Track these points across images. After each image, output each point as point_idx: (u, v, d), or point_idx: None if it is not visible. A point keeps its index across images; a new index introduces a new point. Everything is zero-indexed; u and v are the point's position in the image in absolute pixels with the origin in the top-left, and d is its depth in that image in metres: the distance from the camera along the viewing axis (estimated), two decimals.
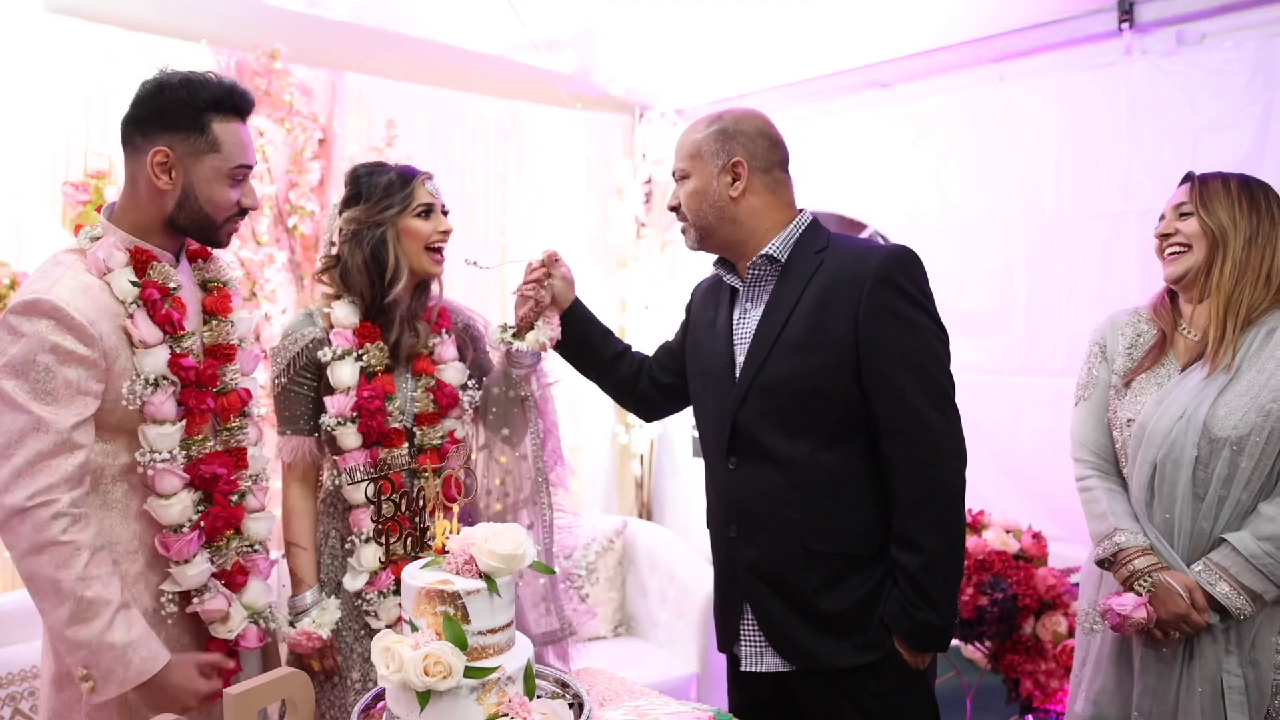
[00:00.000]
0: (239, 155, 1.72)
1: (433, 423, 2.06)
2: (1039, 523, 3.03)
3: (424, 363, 2.08)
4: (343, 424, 1.97)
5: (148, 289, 1.68)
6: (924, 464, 1.71)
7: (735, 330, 1.90)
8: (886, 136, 4.03)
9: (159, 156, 1.68)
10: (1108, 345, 2.07)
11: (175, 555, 1.70)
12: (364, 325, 2.02)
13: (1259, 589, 1.77)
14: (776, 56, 4.03)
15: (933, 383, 1.73)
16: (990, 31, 3.59)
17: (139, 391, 1.65)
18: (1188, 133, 3.20)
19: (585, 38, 3.92)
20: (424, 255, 2.03)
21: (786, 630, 1.79)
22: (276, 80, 3.49)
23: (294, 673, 1.38)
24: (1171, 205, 2.01)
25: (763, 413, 1.78)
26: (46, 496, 1.56)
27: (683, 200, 1.92)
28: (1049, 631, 2.77)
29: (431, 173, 2.10)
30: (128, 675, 1.60)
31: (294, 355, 2.02)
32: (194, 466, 1.73)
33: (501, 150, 4.43)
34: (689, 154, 1.91)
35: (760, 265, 1.86)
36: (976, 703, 3.15)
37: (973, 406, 3.86)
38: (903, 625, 1.72)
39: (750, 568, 1.82)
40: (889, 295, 1.72)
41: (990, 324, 3.81)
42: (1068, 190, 3.54)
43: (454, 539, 1.37)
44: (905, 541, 1.71)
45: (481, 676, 1.28)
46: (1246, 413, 1.79)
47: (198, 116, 1.67)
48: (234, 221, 1.77)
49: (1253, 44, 3.07)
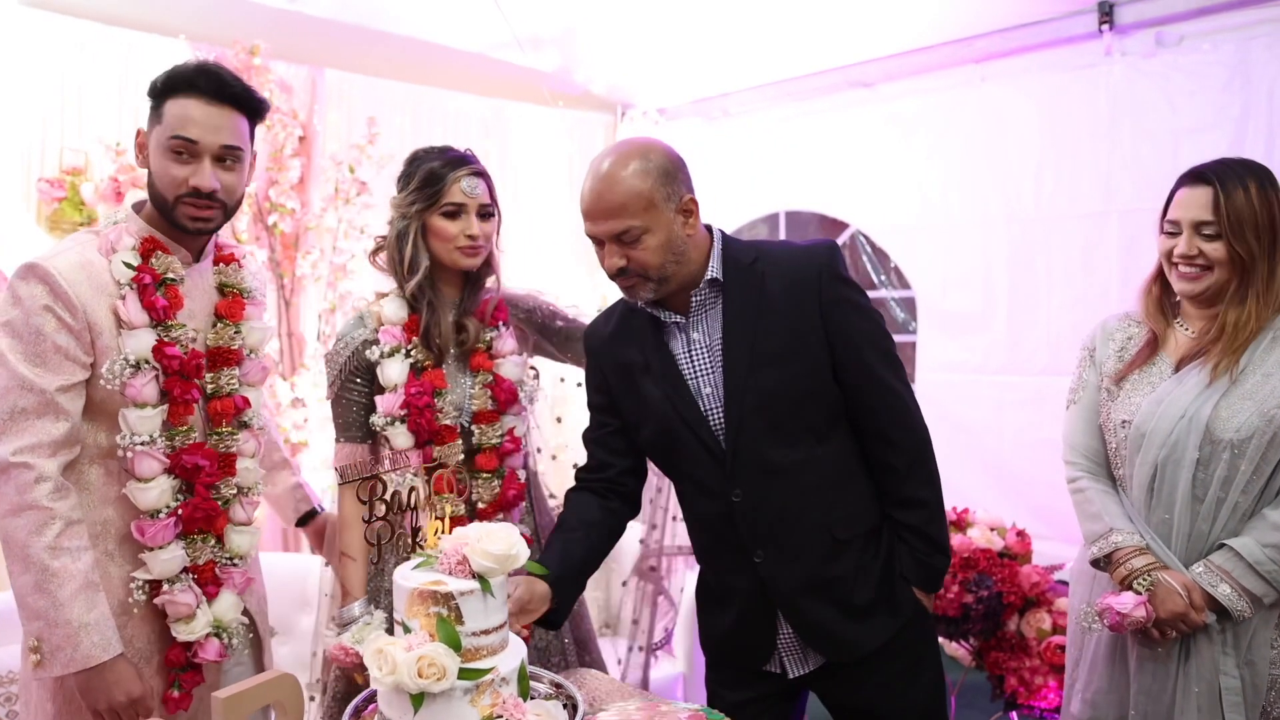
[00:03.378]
0: (176, 125, 1.66)
1: (492, 420, 1.98)
2: (1021, 520, 3.05)
3: (480, 358, 2.00)
4: (392, 423, 1.91)
5: (142, 273, 1.69)
6: (905, 431, 1.80)
7: (684, 364, 1.80)
8: (869, 136, 4.05)
9: (139, 138, 1.75)
10: (1097, 350, 2.03)
11: (150, 540, 1.68)
12: (412, 319, 1.95)
13: (1260, 592, 1.77)
14: (759, 56, 4.04)
15: (890, 356, 1.81)
16: (972, 32, 3.62)
17: (119, 372, 1.65)
18: (1167, 133, 3.24)
19: (568, 36, 3.91)
20: (454, 252, 1.93)
21: (831, 629, 1.79)
22: (256, 77, 3.44)
23: (283, 676, 1.36)
24: (1190, 221, 1.84)
25: (760, 432, 1.76)
26: (31, 457, 1.58)
27: (637, 259, 1.70)
28: (1033, 629, 2.79)
29: (481, 168, 1.99)
30: (74, 656, 1.59)
31: (345, 360, 1.96)
32: (176, 455, 1.71)
33: (483, 148, 4.34)
34: (642, 208, 1.68)
35: (704, 290, 1.78)
36: (961, 700, 3.16)
37: (955, 405, 3.94)
38: (921, 574, 1.82)
39: (788, 583, 1.79)
40: (840, 288, 1.77)
41: (972, 323, 3.84)
42: (1048, 190, 3.57)
43: (446, 539, 1.36)
44: (907, 501, 1.81)
45: (476, 678, 1.27)
46: (1249, 416, 1.79)
47: (159, 96, 1.70)
48: (189, 206, 1.69)
49: (1230, 46, 3.11)
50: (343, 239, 3.62)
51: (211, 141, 1.68)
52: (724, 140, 4.50)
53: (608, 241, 1.71)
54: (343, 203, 3.61)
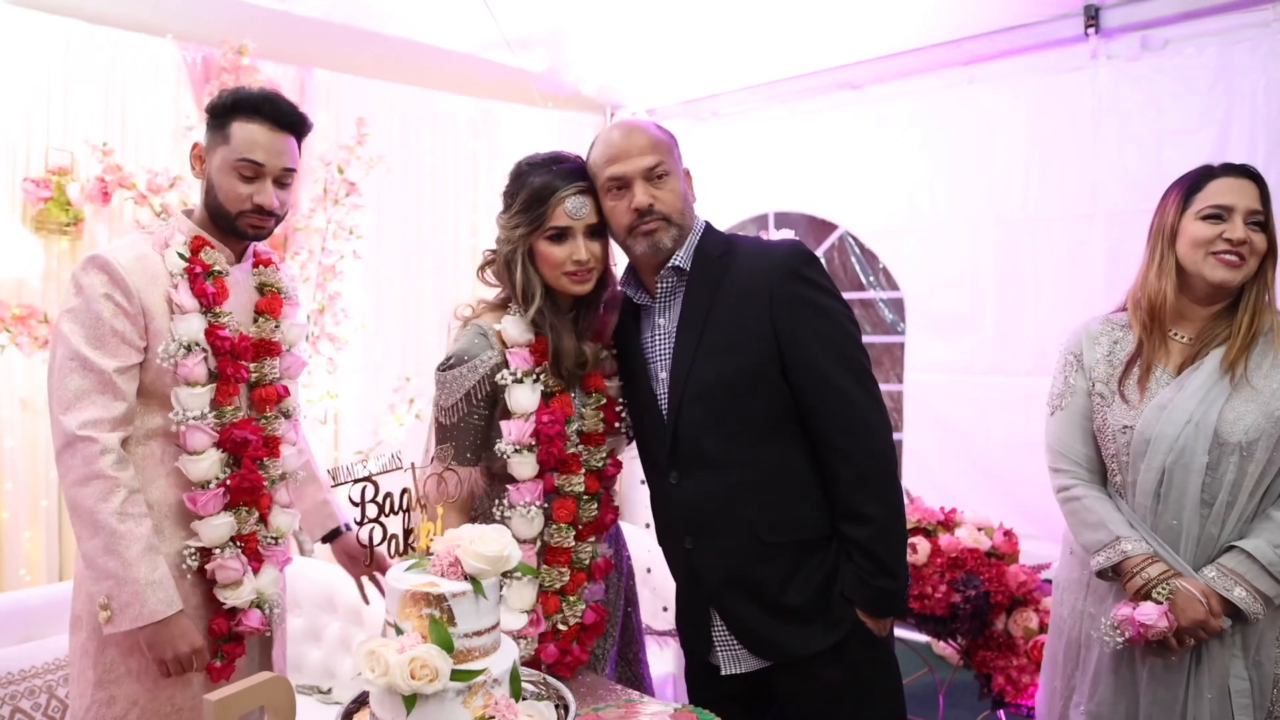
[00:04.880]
0: (244, 149, 1.84)
1: (598, 443, 1.89)
2: (1008, 520, 3.07)
3: (596, 379, 1.90)
4: (520, 452, 1.80)
5: (193, 264, 1.86)
6: (858, 440, 1.74)
7: (647, 347, 1.88)
8: (857, 138, 4.07)
9: (195, 150, 1.92)
10: (1084, 354, 1.99)
11: (201, 509, 1.82)
12: (539, 341, 1.83)
13: (1272, 593, 1.77)
14: (748, 57, 4.05)
15: (852, 361, 1.76)
16: (959, 35, 3.63)
17: (173, 352, 1.80)
18: (1152, 136, 3.27)
19: (557, 37, 3.91)
20: (562, 279, 1.82)
21: (757, 629, 1.80)
22: (244, 76, 3.43)
23: (275, 678, 1.36)
24: (1245, 208, 1.83)
25: (699, 421, 1.79)
26: (94, 431, 1.73)
27: (663, 199, 1.78)
28: (1020, 628, 2.80)
29: (586, 184, 1.83)
30: (142, 612, 1.73)
31: (475, 384, 1.81)
32: (226, 430, 1.85)
33: (472, 149, 4.40)
34: (666, 150, 1.81)
35: (668, 277, 1.84)
36: (949, 699, 3.18)
37: (942, 405, 3.96)
38: (862, 595, 1.76)
39: (713, 574, 1.83)
40: (798, 286, 1.76)
41: (960, 324, 3.86)
42: (1035, 192, 3.60)
43: (439, 540, 1.36)
44: (853, 516, 1.75)
45: (468, 679, 1.27)
46: (1256, 418, 1.78)
47: (223, 115, 1.87)
48: (253, 217, 1.87)
49: (1214, 50, 3.14)
50: (331, 240, 3.61)
51: (275, 165, 1.87)
52: (713, 141, 4.51)
53: (637, 180, 1.78)
54: (331, 203, 3.60)
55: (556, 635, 1.83)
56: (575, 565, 1.87)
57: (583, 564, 1.87)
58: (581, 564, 1.87)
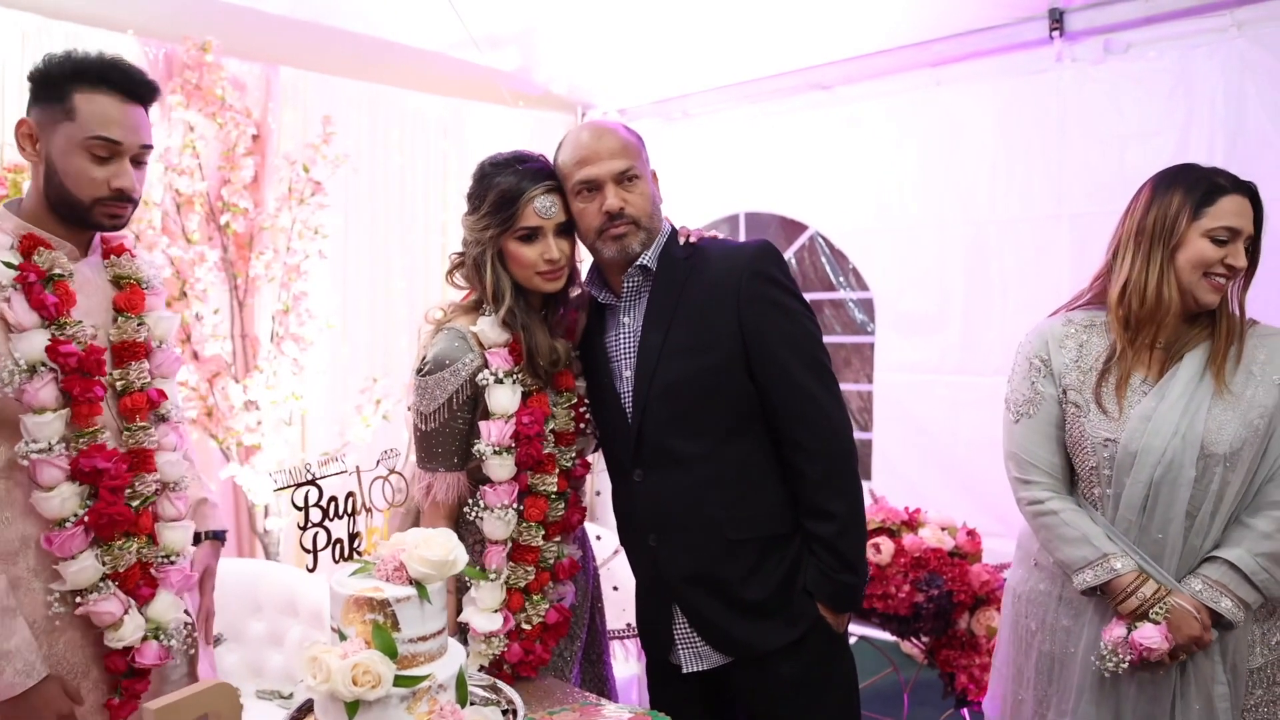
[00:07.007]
0: (96, 125, 1.60)
1: (569, 443, 1.89)
2: (974, 518, 3.09)
3: (567, 378, 1.90)
4: (499, 453, 1.79)
5: (25, 272, 1.60)
6: (822, 438, 1.77)
7: (611, 346, 1.89)
8: (827, 138, 4.08)
9: (23, 127, 1.64)
10: (1051, 359, 1.91)
11: (57, 551, 1.60)
12: (514, 342, 1.82)
13: (1252, 600, 1.78)
14: (719, 58, 4.05)
15: (815, 361, 1.78)
16: (927, 36, 3.65)
17: (11, 377, 1.56)
18: (1115, 138, 3.30)
19: (527, 36, 3.89)
20: (534, 278, 1.82)
21: (720, 625, 1.82)
22: (208, 74, 3.39)
23: (219, 684, 1.34)
24: (1247, 233, 1.81)
25: (664, 419, 1.80)
26: None
27: (633, 202, 1.79)
28: (983, 626, 2.82)
29: (554, 184, 1.83)
30: None
31: (457, 388, 1.80)
32: (74, 460, 1.62)
33: (441, 148, 4.37)
34: (635, 153, 1.81)
35: (634, 276, 1.85)
36: (914, 698, 3.20)
37: (910, 405, 3.97)
38: (826, 590, 1.78)
39: (676, 571, 1.84)
40: (764, 287, 1.77)
41: (928, 324, 3.88)
42: (1002, 193, 3.62)
43: (383, 545, 1.34)
44: (817, 512, 1.77)
45: (412, 685, 1.26)
46: (1237, 428, 1.77)
47: (59, 86, 1.61)
48: (112, 205, 1.65)
49: (1175, 54, 3.17)
50: (297, 239, 3.57)
51: (133, 142, 1.65)
52: (684, 141, 4.50)
53: (608, 183, 1.79)
54: (297, 202, 3.56)
55: (520, 635, 1.83)
56: (541, 565, 1.87)
57: (548, 564, 1.88)
58: (547, 564, 1.87)
